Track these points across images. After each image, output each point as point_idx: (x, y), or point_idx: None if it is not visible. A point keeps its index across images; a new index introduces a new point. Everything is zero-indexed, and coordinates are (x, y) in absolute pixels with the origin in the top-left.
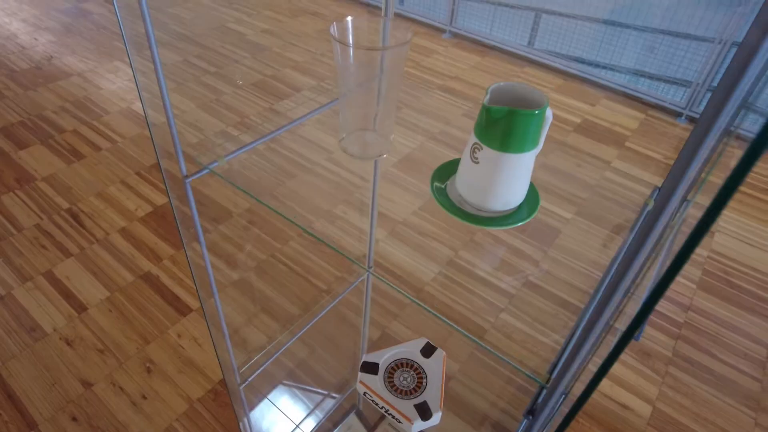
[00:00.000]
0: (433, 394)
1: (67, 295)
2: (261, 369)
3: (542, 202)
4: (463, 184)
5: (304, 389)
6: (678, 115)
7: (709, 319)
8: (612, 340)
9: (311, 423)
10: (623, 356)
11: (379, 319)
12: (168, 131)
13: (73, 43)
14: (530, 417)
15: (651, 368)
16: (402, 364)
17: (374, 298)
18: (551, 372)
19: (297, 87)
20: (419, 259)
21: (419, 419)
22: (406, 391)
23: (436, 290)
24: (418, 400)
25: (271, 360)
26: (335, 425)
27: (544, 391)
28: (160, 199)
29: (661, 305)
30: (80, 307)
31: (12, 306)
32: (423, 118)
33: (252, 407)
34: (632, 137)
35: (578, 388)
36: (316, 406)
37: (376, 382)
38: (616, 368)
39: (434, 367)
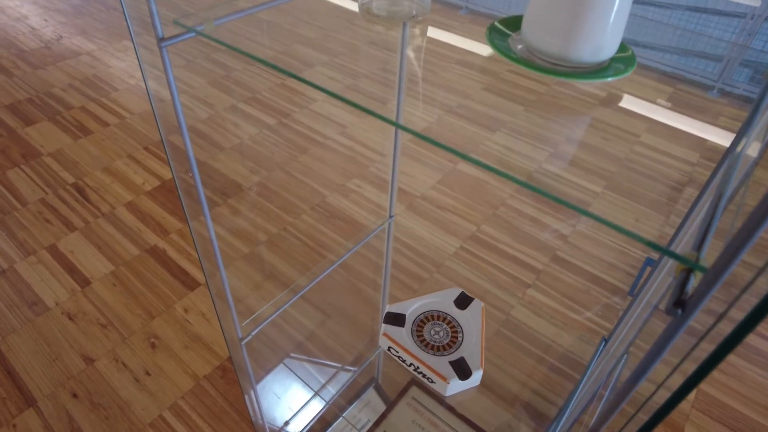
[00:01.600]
0: (471, 350)
1: (71, 269)
2: (266, 322)
3: (568, 175)
4: (535, 26)
5: (315, 363)
6: (709, 88)
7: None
8: None
9: (323, 398)
10: None
11: (397, 294)
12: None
13: (83, 24)
14: (680, 311)
15: None
16: (433, 317)
17: (393, 273)
18: (698, 251)
19: (309, 63)
20: (439, 234)
21: (456, 378)
22: (438, 347)
23: (457, 265)
24: (454, 357)
25: (278, 312)
26: (350, 402)
27: (692, 279)
28: (168, 173)
29: None
30: (83, 282)
31: (14, 280)
32: (441, 92)
33: (259, 380)
34: (662, 111)
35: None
36: (329, 380)
37: (402, 335)
38: None
39: (471, 320)
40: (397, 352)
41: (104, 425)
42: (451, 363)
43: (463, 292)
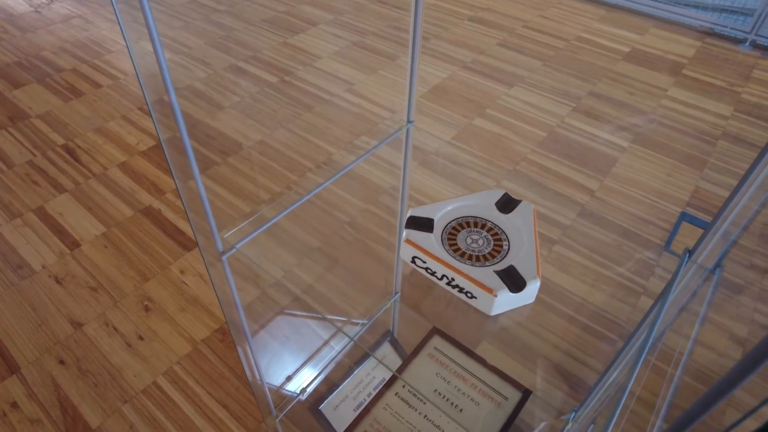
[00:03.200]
0: (522, 258)
1: (59, 232)
2: (257, 233)
3: (593, 129)
4: None
5: (321, 318)
6: (740, 41)
7: None
8: None
9: (331, 355)
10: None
11: None
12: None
13: None
14: None
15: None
16: (468, 224)
17: None
18: None
19: (313, 21)
20: (456, 190)
21: (505, 290)
22: (477, 257)
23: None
24: (501, 266)
25: (273, 221)
26: (357, 364)
27: None
28: (164, 133)
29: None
30: (73, 244)
31: None
32: (453, 48)
33: (255, 333)
34: (690, 65)
35: None
36: (335, 335)
37: (430, 241)
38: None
39: (519, 224)
40: (424, 262)
41: (93, 392)
42: (498, 273)
43: (506, 193)
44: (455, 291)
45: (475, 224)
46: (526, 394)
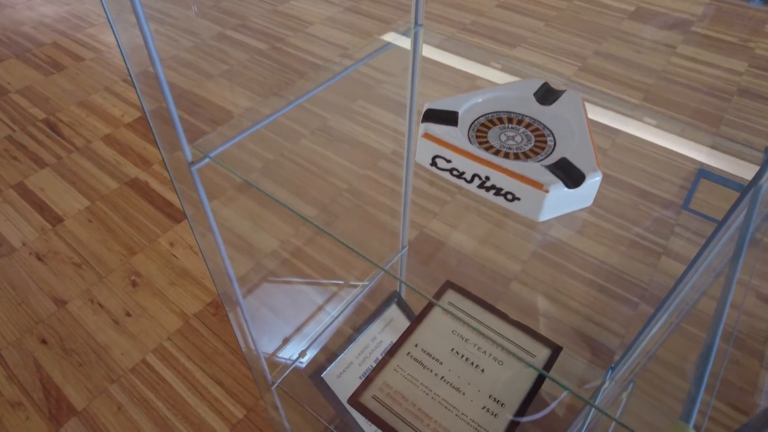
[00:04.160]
0: (575, 150)
1: (41, 207)
2: (234, 141)
3: (601, 88)
4: None
5: (321, 283)
6: None
7: None
8: None
9: (326, 320)
10: None
11: (416, 218)
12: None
13: None
14: None
15: None
16: (501, 120)
17: (412, 198)
18: None
19: None
20: None
21: (560, 184)
22: (516, 155)
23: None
24: (551, 160)
25: (251, 131)
26: (358, 330)
27: None
28: (150, 104)
29: None
30: (55, 219)
31: None
32: (451, 11)
33: (249, 304)
34: (698, 22)
35: None
36: (332, 297)
37: (456, 135)
38: None
39: (566, 116)
40: (449, 161)
41: (77, 372)
42: (548, 167)
43: (546, 82)
44: (490, 194)
45: (510, 120)
46: (557, 351)
